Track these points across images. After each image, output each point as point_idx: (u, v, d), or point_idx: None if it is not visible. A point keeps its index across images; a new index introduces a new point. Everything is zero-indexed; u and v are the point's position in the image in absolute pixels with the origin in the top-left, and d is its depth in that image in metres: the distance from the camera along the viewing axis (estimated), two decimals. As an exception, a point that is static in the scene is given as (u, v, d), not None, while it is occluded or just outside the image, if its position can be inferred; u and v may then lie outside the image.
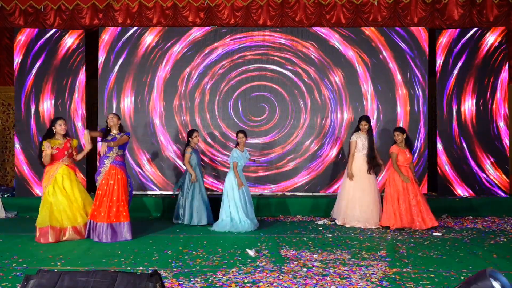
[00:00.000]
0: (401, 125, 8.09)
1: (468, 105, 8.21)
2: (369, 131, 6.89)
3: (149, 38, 8.32)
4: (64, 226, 5.72)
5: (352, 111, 8.29)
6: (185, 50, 8.33)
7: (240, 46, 8.36)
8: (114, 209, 5.75)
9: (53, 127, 5.89)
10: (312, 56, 8.34)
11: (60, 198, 5.73)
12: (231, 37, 8.36)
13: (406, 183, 6.53)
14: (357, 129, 6.95)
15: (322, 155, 8.31)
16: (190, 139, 6.98)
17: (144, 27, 8.47)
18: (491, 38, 8.18)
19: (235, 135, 7.07)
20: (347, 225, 6.73)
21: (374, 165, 6.83)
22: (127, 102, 8.33)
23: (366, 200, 6.72)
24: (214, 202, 7.06)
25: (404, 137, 6.75)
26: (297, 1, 8.54)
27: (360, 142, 6.86)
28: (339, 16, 8.56)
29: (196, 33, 8.36)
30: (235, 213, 6.51)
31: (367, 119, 6.93)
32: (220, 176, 8.21)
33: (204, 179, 7.19)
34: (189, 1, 8.53)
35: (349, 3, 8.54)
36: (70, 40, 8.23)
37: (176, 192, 7.25)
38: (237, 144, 6.78)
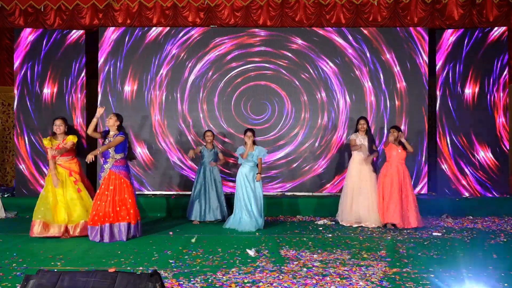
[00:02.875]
0: (400, 124, 8.10)
1: (469, 105, 8.23)
2: (368, 131, 6.94)
3: (150, 37, 8.34)
4: (49, 222, 5.82)
5: (351, 111, 8.28)
6: (188, 47, 8.34)
7: (239, 46, 8.36)
8: (112, 214, 5.69)
9: (53, 127, 6.02)
10: (312, 56, 8.33)
11: (49, 195, 5.90)
12: (230, 37, 8.37)
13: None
14: (356, 129, 7.00)
15: (324, 155, 8.31)
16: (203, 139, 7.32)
17: (145, 27, 8.48)
18: (492, 38, 8.20)
19: (239, 135, 7.15)
20: (354, 225, 6.72)
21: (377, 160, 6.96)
22: (128, 102, 8.34)
23: (366, 200, 6.73)
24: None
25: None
26: (297, 1, 8.52)
27: (358, 142, 6.89)
28: (339, 16, 8.54)
29: (196, 33, 8.37)
30: (238, 211, 6.68)
31: (365, 119, 6.98)
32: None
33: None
34: (189, 1, 8.52)
35: (349, 3, 8.53)
36: (70, 40, 8.22)
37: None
38: (245, 143, 6.83)
